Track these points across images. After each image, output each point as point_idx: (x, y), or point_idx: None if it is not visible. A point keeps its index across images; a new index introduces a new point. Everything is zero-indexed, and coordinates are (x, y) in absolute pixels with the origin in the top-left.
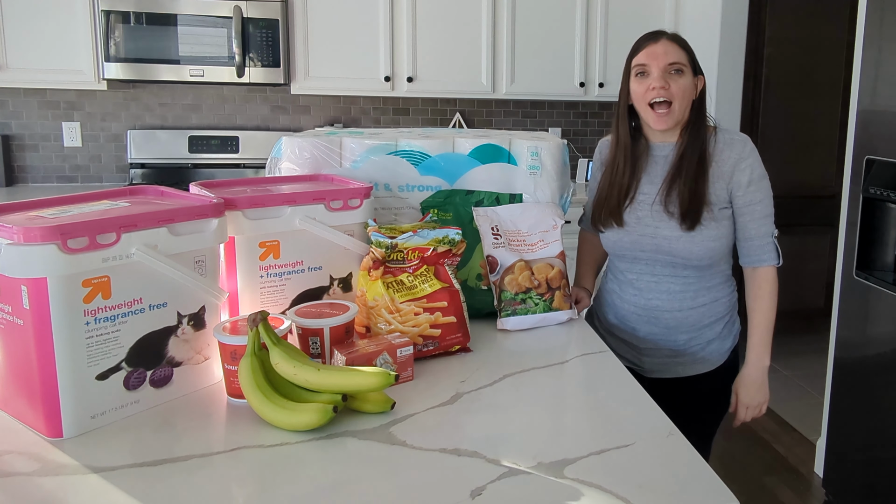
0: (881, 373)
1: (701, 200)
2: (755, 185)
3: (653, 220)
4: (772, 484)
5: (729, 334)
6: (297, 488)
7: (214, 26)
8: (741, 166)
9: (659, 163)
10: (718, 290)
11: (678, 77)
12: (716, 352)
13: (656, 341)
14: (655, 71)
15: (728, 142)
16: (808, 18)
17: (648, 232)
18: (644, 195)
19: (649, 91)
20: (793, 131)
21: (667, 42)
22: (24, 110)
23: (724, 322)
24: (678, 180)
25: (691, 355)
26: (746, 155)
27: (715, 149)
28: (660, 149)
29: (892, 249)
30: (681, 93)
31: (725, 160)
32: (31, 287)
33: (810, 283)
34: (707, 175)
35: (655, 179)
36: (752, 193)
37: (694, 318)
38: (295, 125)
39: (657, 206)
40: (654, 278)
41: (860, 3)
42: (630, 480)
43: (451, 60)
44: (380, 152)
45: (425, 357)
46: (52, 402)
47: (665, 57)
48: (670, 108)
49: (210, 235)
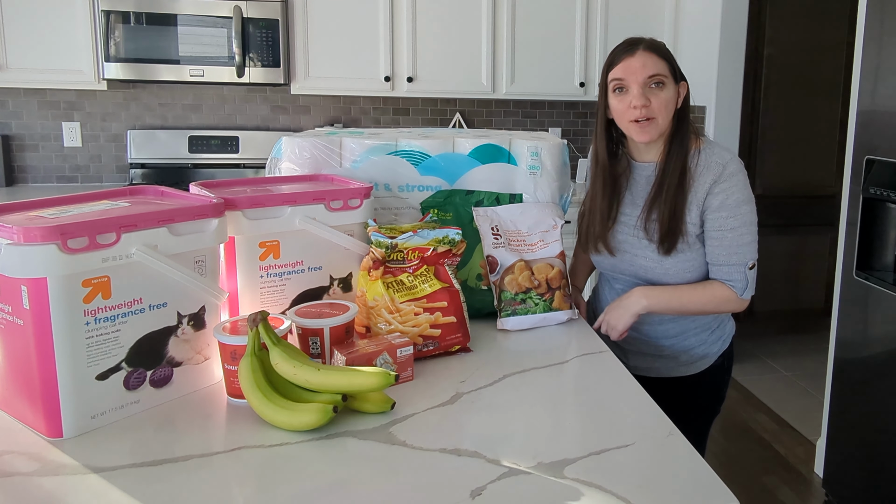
0: (881, 373)
1: (678, 221)
2: (728, 210)
3: (632, 247)
4: (772, 484)
5: (716, 340)
6: (297, 488)
7: (214, 26)
8: (714, 190)
9: (640, 183)
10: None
11: (659, 91)
12: (700, 357)
13: (639, 345)
14: (635, 87)
15: (707, 164)
16: (808, 18)
17: (627, 259)
18: (626, 216)
19: (630, 109)
20: (793, 131)
21: (644, 53)
22: (24, 110)
23: (710, 330)
24: (659, 199)
25: (674, 359)
26: (723, 179)
27: (696, 170)
28: (643, 169)
29: (892, 249)
30: (663, 107)
31: (702, 185)
32: (31, 287)
33: (810, 283)
34: (686, 196)
35: (638, 201)
36: (722, 220)
37: (678, 328)
38: (295, 125)
39: (637, 230)
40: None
41: (860, 4)
42: (630, 480)
43: (451, 60)
44: (380, 152)
45: (425, 357)
46: (52, 402)
47: (643, 70)
48: (653, 121)
49: (210, 235)
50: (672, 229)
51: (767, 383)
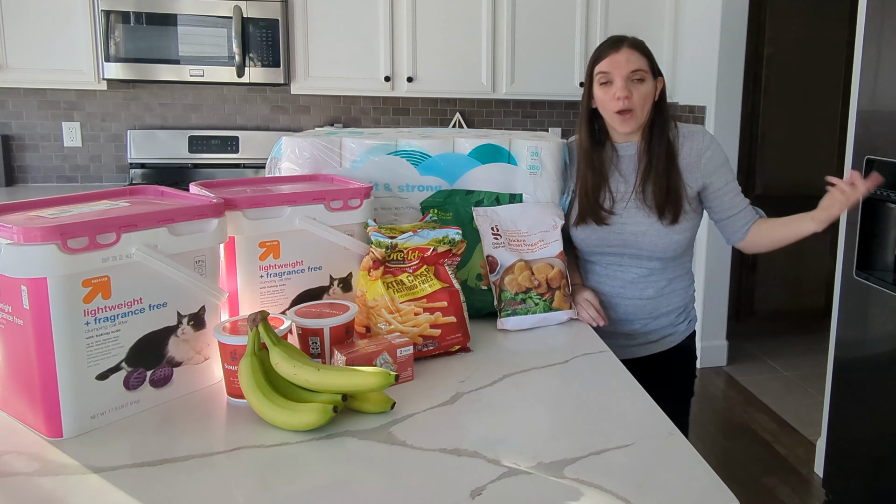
0: (881, 373)
1: (679, 193)
2: (724, 166)
3: (625, 217)
4: (772, 484)
5: (683, 321)
6: (297, 488)
7: (214, 26)
8: (707, 154)
9: (626, 161)
10: (678, 282)
11: (640, 85)
12: (668, 335)
13: (613, 326)
14: (618, 80)
15: (687, 134)
16: (808, 18)
17: (616, 229)
18: (619, 193)
19: (614, 100)
20: (793, 131)
21: (628, 50)
22: (24, 110)
23: (678, 312)
24: (649, 178)
25: (643, 337)
26: (708, 143)
27: (676, 141)
28: (625, 148)
29: (892, 249)
30: (642, 99)
31: (688, 152)
32: (31, 287)
33: (810, 283)
34: (678, 168)
35: (628, 177)
36: (724, 175)
37: (650, 307)
38: (295, 125)
39: (634, 203)
40: (620, 268)
41: (860, 4)
42: (630, 480)
43: (451, 60)
44: (380, 152)
45: (425, 357)
46: (52, 402)
47: (627, 65)
48: (633, 113)
49: (210, 235)
50: (674, 202)
51: (767, 383)
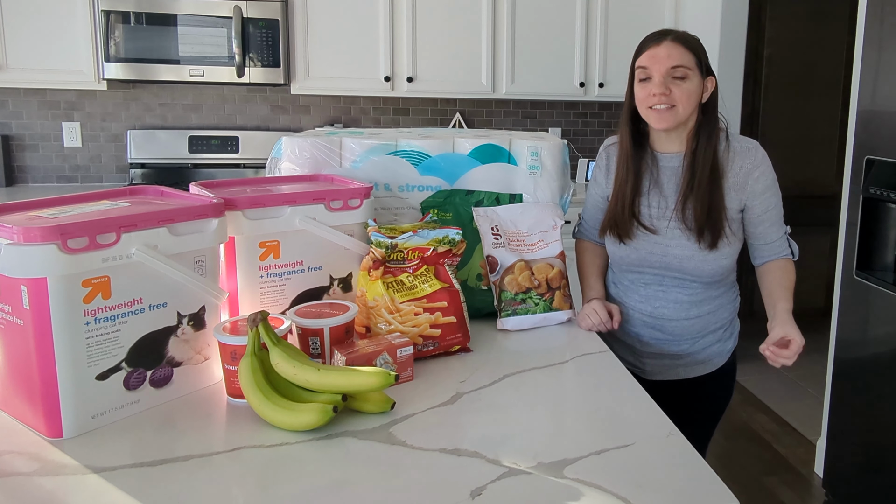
0: (881, 373)
1: (720, 215)
2: (770, 190)
3: (664, 238)
4: (772, 484)
5: (730, 337)
6: (297, 488)
7: (214, 26)
8: (755, 175)
9: (668, 175)
10: (724, 297)
11: (681, 83)
12: (717, 354)
13: (660, 346)
14: (657, 76)
15: (739, 150)
16: (808, 18)
17: (658, 250)
18: (654, 208)
19: (650, 97)
20: (793, 131)
21: (671, 44)
22: (24, 110)
23: (726, 326)
24: (691, 194)
25: (692, 357)
26: (759, 162)
27: (727, 157)
28: (668, 160)
29: (892, 249)
30: (685, 98)
31: (737, 171)
32: (30, 287)
33: (810, 283)
34: (721, 188)
35: (668, 193)
36: (767, 200)
37: (699, 325)
38: (295, 125)
39: (673, 223)
40: (662, 288)
41: (860, 3)
42: (630, 480)
43: (451, 60)
44: (380, 152)
45: (425, 357)
46: (52, 402)
47: (667, 60)
48: (673, 110)
49: (210, 235)
50: (713, 225)
51: (767, 383)
